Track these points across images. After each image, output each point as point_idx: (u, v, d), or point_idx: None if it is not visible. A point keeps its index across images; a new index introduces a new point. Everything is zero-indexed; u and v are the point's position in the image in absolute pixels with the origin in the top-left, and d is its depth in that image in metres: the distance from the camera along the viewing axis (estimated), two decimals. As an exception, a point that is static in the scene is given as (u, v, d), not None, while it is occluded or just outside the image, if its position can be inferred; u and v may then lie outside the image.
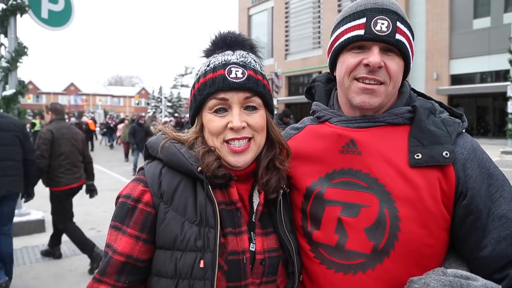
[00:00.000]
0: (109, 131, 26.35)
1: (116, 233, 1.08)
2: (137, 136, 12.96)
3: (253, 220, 1.15)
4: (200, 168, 1.08)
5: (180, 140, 1.17)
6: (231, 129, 1.09)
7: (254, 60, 1.17)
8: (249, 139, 1.12)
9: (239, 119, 1.08)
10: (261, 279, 1.12)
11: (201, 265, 1.01)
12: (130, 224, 1.06)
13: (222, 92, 1.09)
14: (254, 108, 1.13)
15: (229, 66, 1.11)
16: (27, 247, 5.62)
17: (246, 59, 1.15)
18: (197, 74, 1.18)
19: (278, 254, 1.16)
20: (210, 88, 1.10)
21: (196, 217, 1.05)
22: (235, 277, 1.07)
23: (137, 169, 1.20)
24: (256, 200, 1.17)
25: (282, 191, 1.19)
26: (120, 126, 18.24)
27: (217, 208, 1.06)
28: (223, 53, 1.16)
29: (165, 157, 1.12)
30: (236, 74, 1.09)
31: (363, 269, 1.10)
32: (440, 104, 1.26)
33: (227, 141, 1.11)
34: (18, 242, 5.75)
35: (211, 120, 1.11)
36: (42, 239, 5.92)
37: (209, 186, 1.08)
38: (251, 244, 1.12)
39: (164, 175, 1.10)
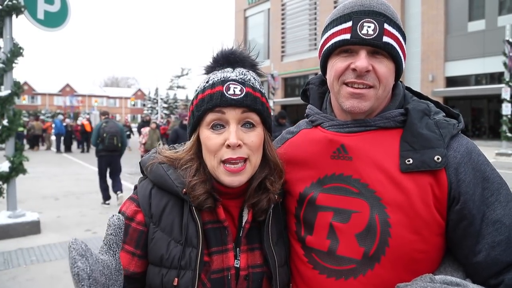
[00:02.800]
0: None
1: None
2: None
3: (239, 236, 1.17)
4: (184, 190, 1.12)
5: (172, 160, 1.18)
6: (228, 146, 1.08)
7: (254, 78, 1.18)
8: (245, 160, 1.12)
9: (236, 136, 1.08)
10: None
11: (175, 283, 1.06)
12: (126, 240, 1.13)
13: (220, 108, 1.09)
14: (252, 126, 1.13)
15: (228, 82, 1.11)
16: (22, 249, 5.58)
17: (245, 76, 1.15)
18: (196, 91, 1.18)
19: (262, 269, 1.17)
20: (207, 104, 1.10)
21: (181, 237, 1.11)
22: None
23: (134, 186, 1.25)
24: (245, 217, 1.18)
25: (273, 205, 1.20)
26: (145, 130, 13.28)
27: (201, 228, 1.11)
28: (222, 70, 1.16)
29: (153, 178, 1.17)
30: (234, 91, 1.09)
31: (354, 274, 1.11)
32: (437, 104, 1.24)
33: (223, 162, 1.10)
34: (13, 244, 5.72)
35: (209, 138, 1.11)
36: (37, 241, 5.89)
37: (194, 207, 1.11)
38: (236, 260, 1.14)
39: (153, 196, 1.15)
